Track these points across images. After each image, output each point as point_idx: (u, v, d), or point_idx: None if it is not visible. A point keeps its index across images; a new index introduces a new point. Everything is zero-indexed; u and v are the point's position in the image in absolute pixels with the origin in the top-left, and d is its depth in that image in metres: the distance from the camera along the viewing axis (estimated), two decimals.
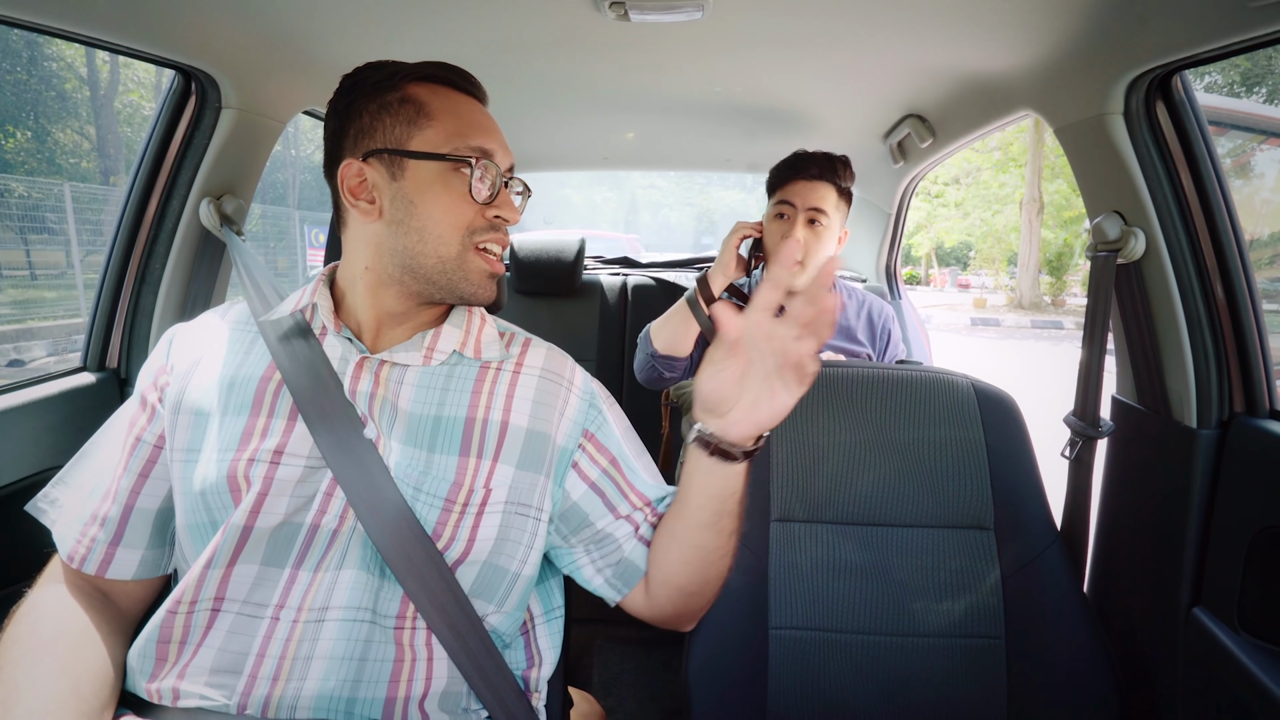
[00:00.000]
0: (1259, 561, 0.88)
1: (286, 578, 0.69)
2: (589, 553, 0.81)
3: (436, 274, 0.75)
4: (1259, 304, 0.95)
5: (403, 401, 0.75)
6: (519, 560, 0.76)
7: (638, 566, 0.81)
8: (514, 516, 0.75)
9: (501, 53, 1.23)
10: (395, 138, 0.73)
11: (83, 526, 0.75)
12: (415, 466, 0.73)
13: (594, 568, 0.82)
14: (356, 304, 0.78)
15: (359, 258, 0.77)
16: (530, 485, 0.77)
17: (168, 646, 0.69)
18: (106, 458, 0.78)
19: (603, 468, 0.81)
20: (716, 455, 0.70)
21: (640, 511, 0.82)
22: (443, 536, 0.72)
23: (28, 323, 8.03)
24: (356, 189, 0.74)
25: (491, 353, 0.81)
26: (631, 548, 0.81)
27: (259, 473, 0.70)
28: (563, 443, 0.79)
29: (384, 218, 0.74)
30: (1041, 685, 0.95)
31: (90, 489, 0.77)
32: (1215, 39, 0.80)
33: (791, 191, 1.39)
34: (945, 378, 1.06)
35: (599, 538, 0.81)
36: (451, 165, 0.73)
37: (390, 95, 0.74)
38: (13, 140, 12.86)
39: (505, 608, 0.77)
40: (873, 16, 1.03)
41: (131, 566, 0.76)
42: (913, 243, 16.98)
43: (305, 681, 0.67)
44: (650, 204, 31.71)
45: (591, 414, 0.83)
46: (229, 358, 0.77)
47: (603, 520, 0.80)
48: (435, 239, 0.73)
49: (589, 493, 0.80)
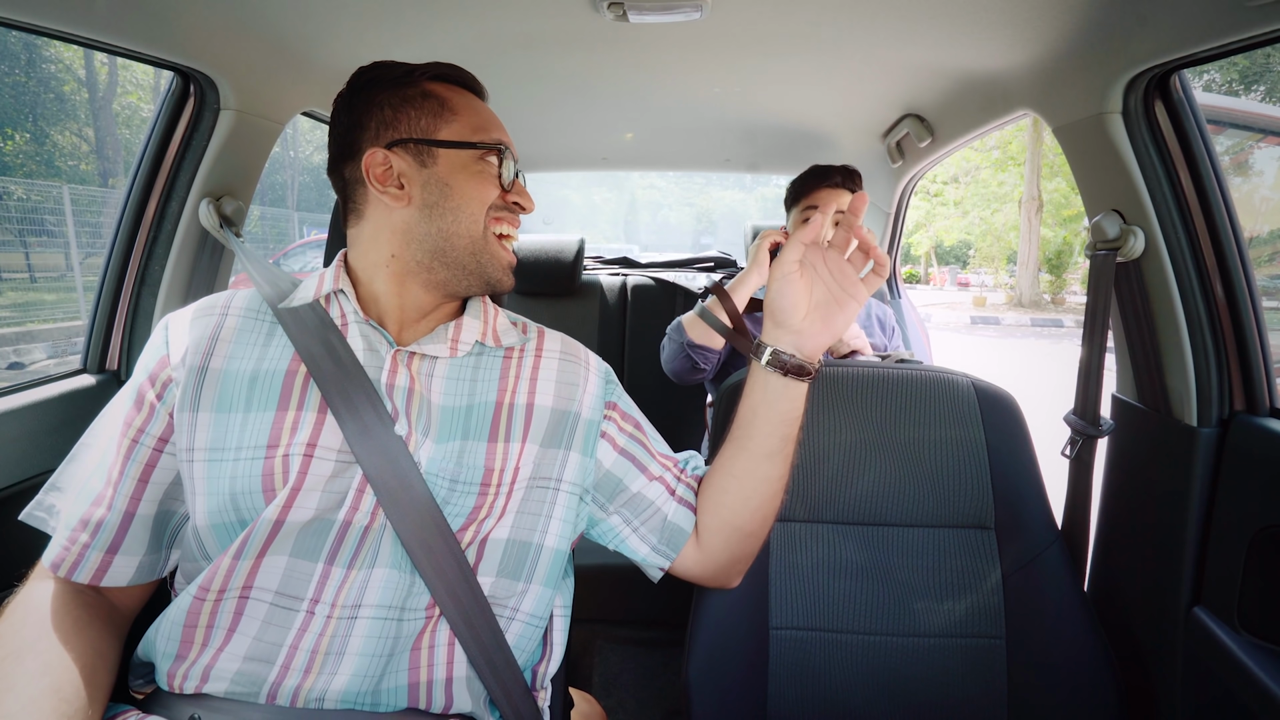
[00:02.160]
0: (1259, 561, 0.87)
1: (320, 573, 0.69)
2: (629, 522, 0.84)
3: (466, 256, 0.77)
4: (1259, 302, 0.95)
5: (434, 395, 0.77)
6: (540, 531, 0.77)
7: (681, 528, 0.85)
8: (534, 490, 0.77)
9: (500, 53, 1.23)
10: (422, 128, 0.76)
11: (70, 533, 0.72)
12: (449, 460, 0.74)
13: (637, 536, 0.84)
14: (379, 294, 0.79)
15: (383, 247, 0.78)
16: (551, 459, 0.79)
17: (194, 631, 0.69)
18: (98, 459, 0.75)
19: (629, 433, 0.86)
20: (791, 374, 0.79)
21: (669, 472, 0.87)
22: (475, 520, 0.74)
23: (27, 325, 8.02)
24: (383, 177, 0.76)
25: (509, 339, 0.83)
26: (672, 510, 0.85)
27: (295, 467, 0.70)
28: (589, 416, 0.83)
29: (414, 203, 0.76)
30: (1041, 685, 0.95)
31: (78, 493, 0.74)
32: (1214, 38, 0.80)
33: (817, 198, 1.54)
34: (946, 377, 1.06)
35: (634, 502, 0.84)
36: (479, 154, 0.77)
37: (411, 90, 0.77)
38: (11, 143, 12.85)
39: (534, 583, 0.77)
40: (871, 16, 1.03)
41: (128, 573, 0.74)
42: (912, 241, 16.98)
43: (335, 676, 0.67)
44: (650, 204, 31.73)
45: (610, 387, 0.87)
46: (246, 350, 0.76)
47: (636, 483, 0.84)
48: (468, 217, 0.77)
49: (620, 459, 0.84)
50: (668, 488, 0.85)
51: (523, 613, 0.77)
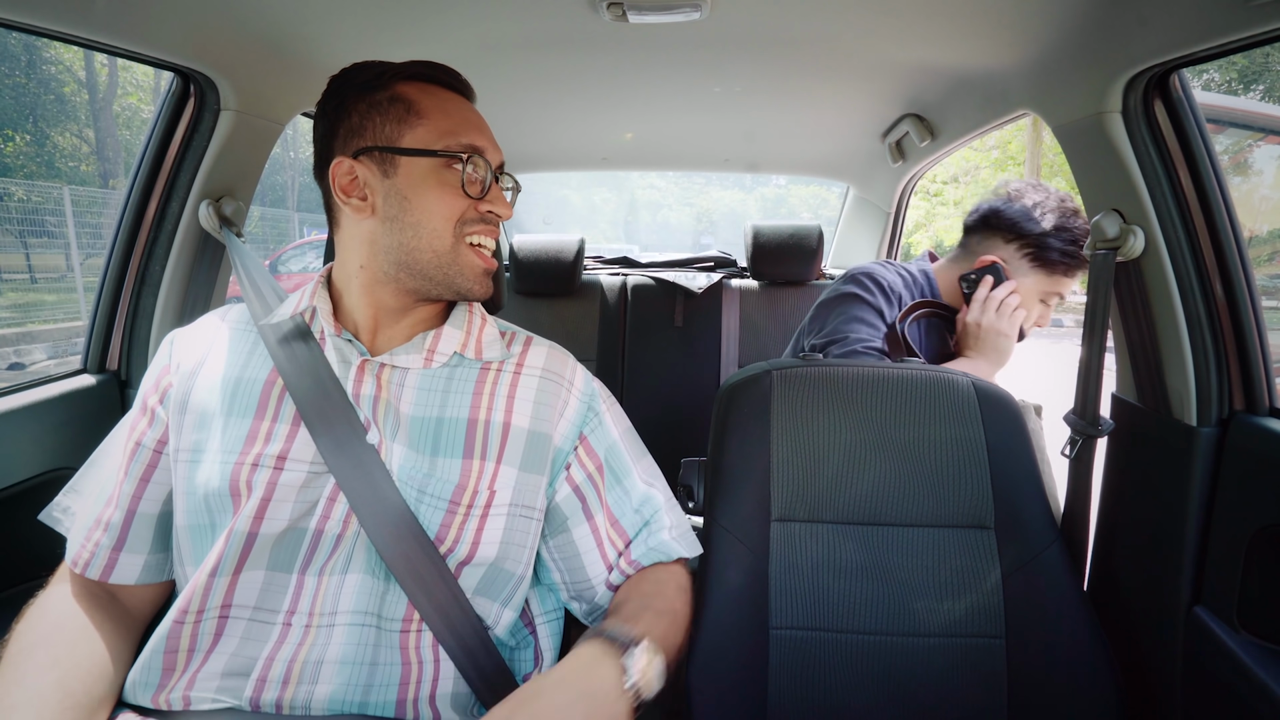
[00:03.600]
0: (1259, 560, 0.87)
1: (295, 583, 0.69)
2: (557, 564, 0.82)
3: (432, 269, 0.75)
4: (1258, 301, 0.95)
5: (404, 405, 0.75)
6: (524, 564, 0.77)
7: (601, 606, 0.82)
8: (518, 519, 0.76)
9: (499, 53, 1.23)
10: (386, 135, 0.73)
11: (87, 532, 0.75)
12: (419, 470, 0.72)
13: (568, 593, 0.83)
14: (353, 304, 0.78)
15: (353, 256, 0.76)
16: (534, 487, 0.77)
17: (175, 656, 0.69)
18: (110, 463, 0.78)
19: (588, 473, 0.82)
20: None
21: (611, 543, 0.81)
22: (447, 539, 0.72)
23: (28, 326, 8.02)
24: (348, 187, 0.74)
25: (492, 353, 0.81)
26: (601, 593, 0.81)
27: (262, 478, 0.70)
28: (559, 443, 0.80)
29: (377, 214, 0.74)
30: (1041, 685, 0.95)
31: (95, 495, 0.77)
32: (1213, 37, 0.79)
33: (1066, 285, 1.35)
34: (945, 376, 1.06)
35: (568, 552, 0.81)
36: (444, 161, 0.74)
37: (379, 94, 0.74)
38: (12, 144, 12.85)
39: (509, 609, 0.77)
40: (870, 16, 1.03)
41: (135, 571, 0.76)
42: (912, 241, 16.96)
43: (316, 685, 0.67)
44: (650, 205, 31.73)
45: (589, 417, 0.83)
46: (231, 359, 0.77)
47: (578, 530, 0.80)
48: (430, 233, 0.73)
49: (571, 495, 0.81)
50: (606, 563, 0.81)
51: (500, 627, 0.77)
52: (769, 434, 1.03)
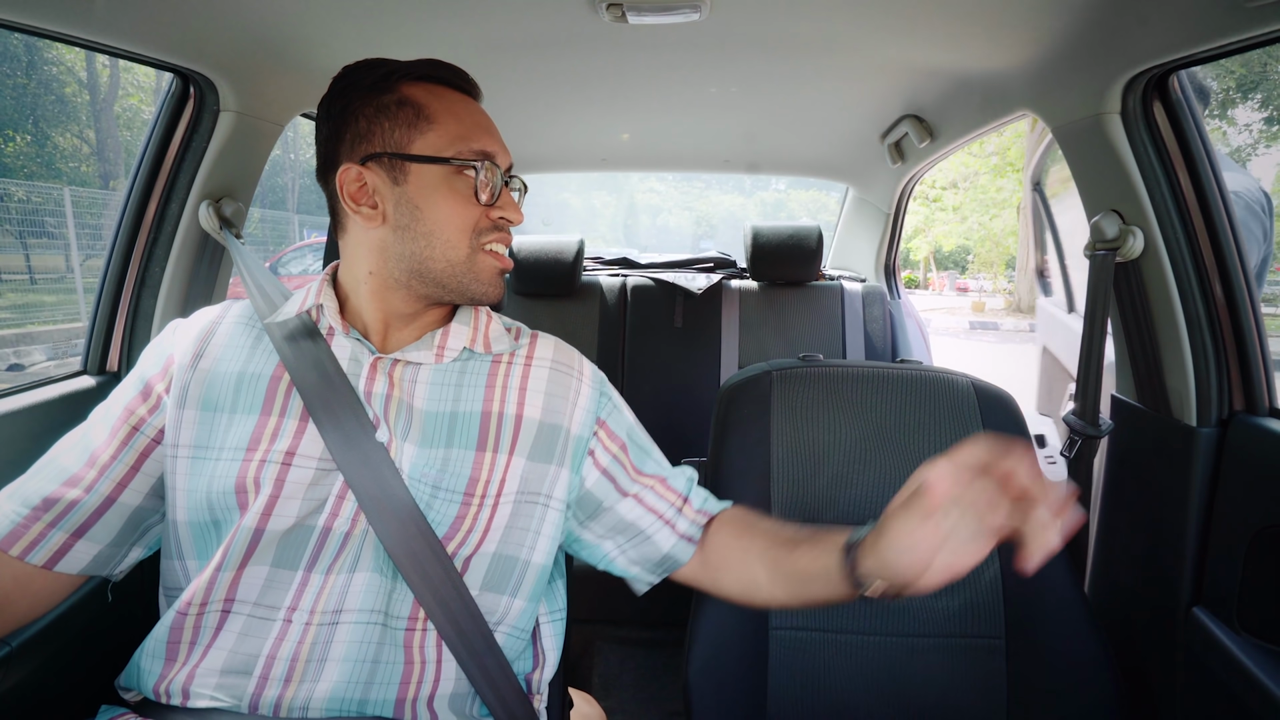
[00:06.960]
0: (1259, 561, 0.87)
1: (299, 580, 0.69)
2: (620, 547, 0.82)
3: (446, 277, 0.74)
4: (1258, 301, 0.96)
5: (417, 400, 0.75)
6: (527, 547, 0.76)
7: (678, 559, 0.82)
8: (523, 505, 0.76)
9: (499, 54, 1.23)
10: (395, 141, 0.72)
11: (29, 511, 0.69)
12: (432, 465, 0.72)
13: (627, 559, 0.83)
14: (361, 306, 0.78)
15: (362, 262, 0.76)
16: (541, 474, 0.77)
17: (178, 647, 0.69)
18: (76, 444, 0.74)
19: (613, 454, 0.82)
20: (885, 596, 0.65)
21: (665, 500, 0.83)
22: (460, 530, 0.72)
23: (27, 327, 8.02)
24: (357, 194, 0.73)
25: (501, 345, 0.81)
26: (671, 544, 0.82)
27: (270, 475, 0.69)
28: (578, 431, 0.80)
29: (388, 222, 0.73)
30: (1041, 685, 0.95)
31: (44, 474, 0.72)
32: (1212, 39, 0.80)
33: None
34: (945, 377, 1.06)
35: (625, 528, 0.81)
36: (455, 169, 0.72)
37: (387, 97, 0.73)
38: (12, 145, 12.86)
39: (519, 598, 0.77)
40: (870, 17, 1.03)
41: (84, 560, 0.71)
42: (911, 246, 16.99)
43: (318, 684, 0.67)
44: (649, 208, 31.75)
45: (603, 402, 0.84)
46: (234, 354, 0.76)
47: (620, 505, 0.81)
48: (443, 243, 0.73)
49: (601, 478, 0.81)
50: (663, 519, 0.82)
51: (507, 624, 0.76)
52: (769, 434, 1.04)
